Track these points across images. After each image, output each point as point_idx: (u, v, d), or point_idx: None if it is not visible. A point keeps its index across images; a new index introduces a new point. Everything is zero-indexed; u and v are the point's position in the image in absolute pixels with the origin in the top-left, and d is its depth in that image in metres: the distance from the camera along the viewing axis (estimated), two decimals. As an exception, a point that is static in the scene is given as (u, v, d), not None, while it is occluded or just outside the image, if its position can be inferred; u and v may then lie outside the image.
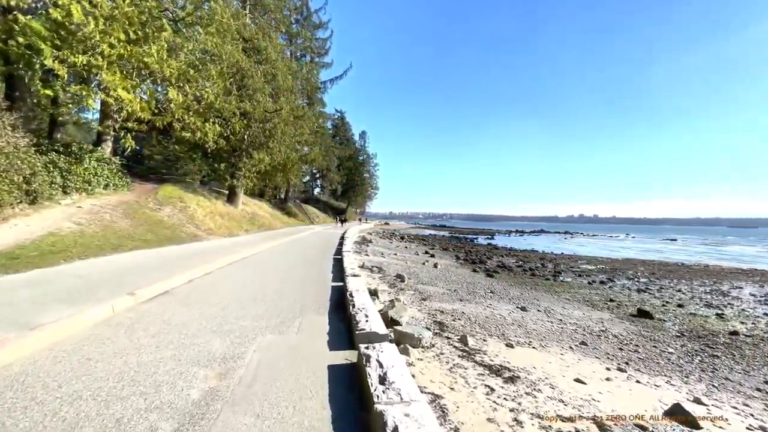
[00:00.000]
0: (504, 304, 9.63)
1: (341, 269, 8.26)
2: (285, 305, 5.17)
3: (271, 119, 15.68)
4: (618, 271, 20.84)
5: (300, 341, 3.84)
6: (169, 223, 10.51)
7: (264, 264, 8.80)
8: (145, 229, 9.09)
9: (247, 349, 3.54)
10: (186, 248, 9.33)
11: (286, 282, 6.71)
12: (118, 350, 3.37)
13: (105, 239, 7.50)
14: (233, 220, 15.35)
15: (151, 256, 7.78)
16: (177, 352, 3.37)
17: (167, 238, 9.43)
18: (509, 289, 12.72)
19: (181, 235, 10.25)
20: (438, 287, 10.91)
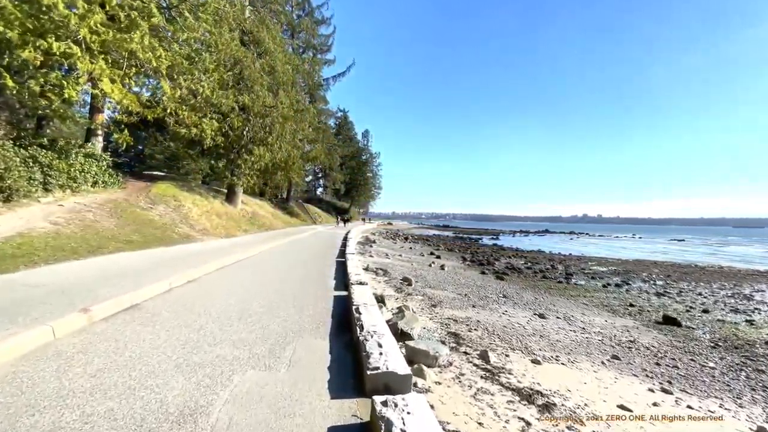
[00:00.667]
0: (520, 311, 8.93)
1: (344, 274, 7.54)
2: (276, 324, 4.23)
3: (270, 114, 14.98)
4: (631, 273, 20.05)
5: (291, 382, 2.82)
6: (159, 223, 9.84)
7: (257, 269, 7.94)
8: (131, 229, 8.44)
9: (217, 397, 2.54)
10: (174, 250, 8.61)
11: (281, 292, 5.87)
12: (31, 403, 2.33)
13: (83, 241, 6.85)
14: (232, 219, 14.69)
15: (132, 259, 7.00)
16: (116, 405, 2.36)
17: (156, 239, 8.74)
18: (522, 293, 12.01)
19: (173, 236, 9.56)
20: (447, 291, 10.23)
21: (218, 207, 14.75)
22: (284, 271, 7.94)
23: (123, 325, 3.93)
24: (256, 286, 6.27)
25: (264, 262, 9.13)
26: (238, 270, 7.79)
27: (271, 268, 8.18)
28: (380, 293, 8.33)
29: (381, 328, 3.55)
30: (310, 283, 6.81)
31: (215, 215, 13.41)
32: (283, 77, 16.07)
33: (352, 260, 9.14)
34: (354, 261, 9.03)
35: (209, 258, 8.05)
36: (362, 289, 5.30)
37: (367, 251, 18.42)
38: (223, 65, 12.30)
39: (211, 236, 11.18)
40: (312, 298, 5.61)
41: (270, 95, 14.93)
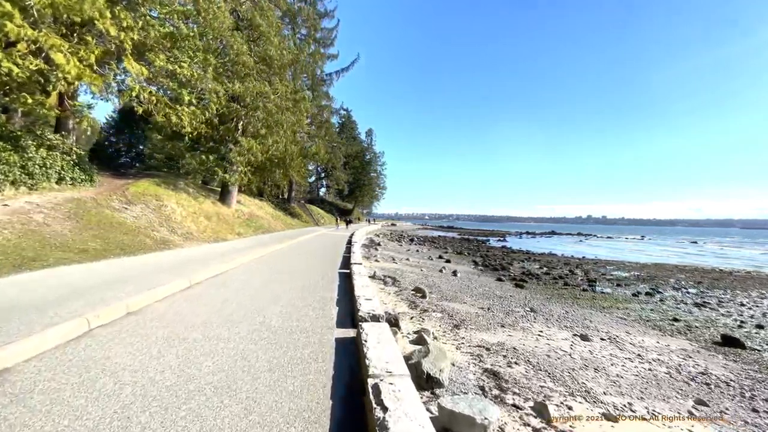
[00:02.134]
0: (556, 330, 7.57)
1: (351, 300, 5.67)
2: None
3: (264, 103, 13.58)
4: (657, 279, 18.57)
5: None
6: (132, 226, 8.52)
7: (233, 291, 6.00)
8: (91, 234, 7.13)
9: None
10: (135, 263, 7.07)
11: (254, 336, 3.93)
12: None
13: (16, 250, 5.55)
14: (224, 221, 13.35)
15: (64, 278, 5.47)
16: None
17: (121, 246, 7.31)
18: (549, 304, 10.64)
19: (145, 242, 8.19)
20: (467, 304, 8.88)
21: (209, 207, 13.38)
22: (271, 292, 6.06)
23: None
24: (216, 327, 4.19)
25: (245, 279, 7.03)
26: (204, 294, 5.79)
27: (252, 290, 6.16)
28: (392, 309, 7.00)
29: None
30: (301, 315, 4.81)
31: (204, 217, 12.07)
32: (279, 63, 14.67)
33: (359, 277, 6.92)
34: (363, 279, 6.78)
35: (172, 274, 6.40)
36: (379, 331, 3.58)
37: (373, 255, 17.10)
38: (211, 43, 10.97)
39: (196, 241, 9.84)
40: (301, 348, 3.64)
41: (265, 84, 13.54)
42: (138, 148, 45.10)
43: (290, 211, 30.30)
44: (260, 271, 8.30)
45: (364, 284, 6.28)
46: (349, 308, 5.38)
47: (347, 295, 6.22)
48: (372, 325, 3.90)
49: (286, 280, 7.35)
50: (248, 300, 5.58)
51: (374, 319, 4.24)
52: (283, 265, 9.25)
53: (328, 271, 8.73)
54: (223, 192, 16.73)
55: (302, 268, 8.91)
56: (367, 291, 5.71)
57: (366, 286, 6.14)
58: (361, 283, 6.31)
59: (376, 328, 3.79)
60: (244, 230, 14.26)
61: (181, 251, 8.30)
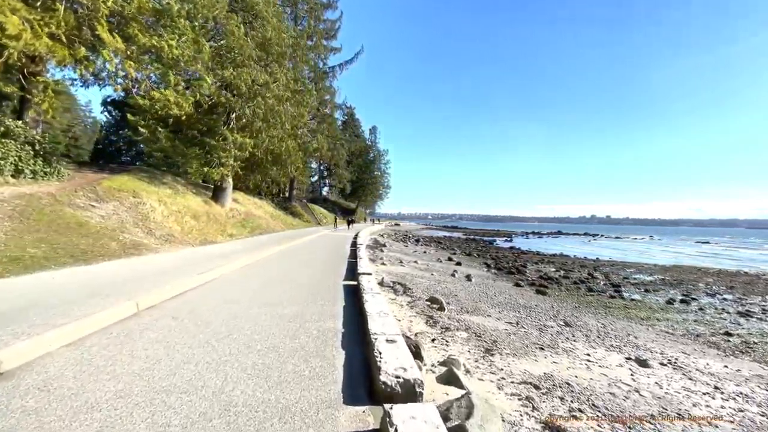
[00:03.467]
0: (603, 351, 6.33)
1: (364, 340, 3.96)
2: None
3: (260, 93, 12.27)
4: (685, 283, 17.22)
5: None
6: (95, 228, 7.27)
7: (186, 329, 4.13)
8: (35, 237, 5.90)
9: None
10: (77, 277, 5.58)
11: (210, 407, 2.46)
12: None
13: None
14: (215, 221, 12.10)
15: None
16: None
17: (73, 252, 5.88)
18: (581, 315, 9.40)
19: (109, 246, 6.86)
20: (491, 317, 7.65)
21: (198, 206, 12.15)
22: (240, 335, 4.01)
23: None
24: (153, 394, 2.60)
25: (212, 307, 5.11)
26: (152, 326, 4.18)
27: (217, 325, 4.31)
28: (407, 326, 5.80)
29: None
30: (286, 375, 3.03)
31: (191, 216, 10.84)
32: (278, 48, 13.36)
33: (373, 299, 5.11)
34: (378, 301, 5.06)
35: (114, 296, 4.69)
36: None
37: (379, 257, 15.90)
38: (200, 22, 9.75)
39: (177, 244, 8.56)
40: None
41: (263, 72, 12.25)
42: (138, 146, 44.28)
43: (291, 210, 29.09)
44: (242, 287, 6.46)
45: (380, 309, 4.62)
46: (362, 356, 3.58)
47: (357, 327, 4.48)
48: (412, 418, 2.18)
49: (273, 300, 5.60)
50: (204, 353, 3.44)
51: (409, 393, 2.63)
52: (273, 277, 7.58)
53: (329, 285, 7.11)
54: (216, 190, 15.45)
55: (297, 282, 7.16)
56: (388, 324, 3.99)
57: (384, 313, 4.46)
58: (376, 308, 4.65)
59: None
60: (237, 231, 12.99)
61: (152, 258, 6.87)
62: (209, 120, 11.98)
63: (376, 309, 4.65)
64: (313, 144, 23.03)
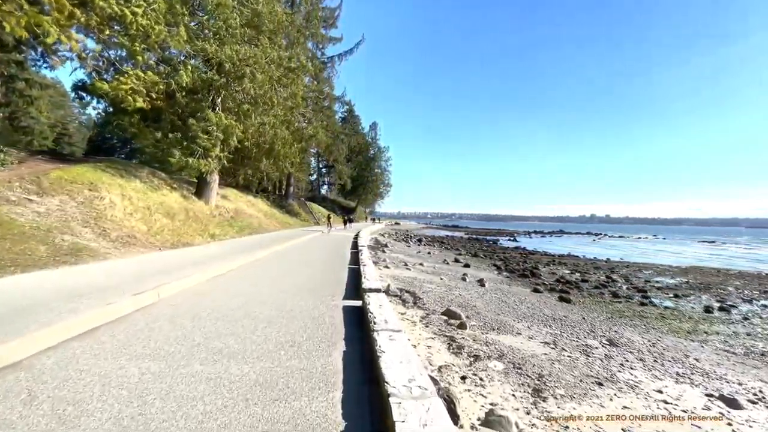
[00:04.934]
0: (671, 383, 5.02)
1: (379, 403, 2.39)
2: None
3: (252, 71, 10.75)
4: (712, 287, 15.92)
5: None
6: (23, 228, 5.77)
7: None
8: None
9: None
10: None
11: None
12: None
13: None
14: (195, 220, 10.60)
15: None
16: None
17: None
18: (620, 330, 8.07)
19: (34, 252, 5.23)
20: (523, 337, 6.33)
21: (173, 202, 10.92)
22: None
23: None
24: None
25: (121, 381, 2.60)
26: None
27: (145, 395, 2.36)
28: (427, 358, 4.46)
29: None
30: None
31: (163, 214, 9.38)
32: (270, 26, 11.81)
33: (393, 348, 3.06)
34: (402, 349, 3.12)
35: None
36: None
37: (381, 259, 14.58)
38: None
39: (140, 247, 7.06)
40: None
41: (250, 48, 10.72)
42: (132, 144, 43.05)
43: (287, 208, 27.65)
44: (191, 324, 4.03)
45: (410, 375, 2.55)
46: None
47: (370, 411, 2.40)
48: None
49: (232, 349, 3.32)
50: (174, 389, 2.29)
51: None
52: (243, 303, 5.13)
53: (322, 312, 4.89)
54: (200, 184, 13.87)
55: (276, 308, 4.95)
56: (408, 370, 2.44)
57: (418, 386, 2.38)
58: (402, 371, 2.61)
59: None
60: (221, 231, 11.48)
61: (88, 268, 5.45)
62: (191, 102, 10.52)
63: (403, 374, 2.54)
64: (308, 131, 21.04)
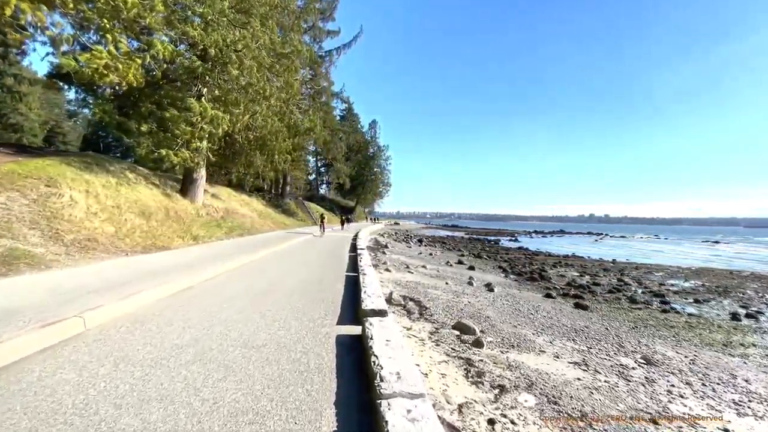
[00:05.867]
0: (732, 415, 4.18)
1: None
2: None
3: (239, 57, 9.78)
4: (730, 290, 15.12)
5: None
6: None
7: None
8: None
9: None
10: None
11: None
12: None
13: None
14: (176, 220, 9.57)
15: None
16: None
17: None
18: (650, 343, 7.23)
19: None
20: (548, 355, 5.48)
21: (151, 200, 9.99)
22: None
23: None
24: None
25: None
26: None
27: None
28: (442, 391, 3.61)
29: None
30: None
31: (137, 213, 8.41)
32: (262, 9, 10.81)
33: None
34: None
35: None
36: None
37: (382, 261, 13.73)
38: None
39: (101, 252, 6.00)
40: None
41: (238, 32, 9.77)
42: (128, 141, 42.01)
43: (284, 208, 26.70)
44: (110, 373, 2.71)
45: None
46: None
47: None
48: None
49: (154, 429, 2.00)
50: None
51: None
52: (199, 336, 3.65)
53: (309, 343, 3.67)
54: (185, 181, 12.87)
55: (243, 346, 3.44)
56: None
57: None
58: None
59: None
60: (207, 232, 10.48)
61: (12, 282, 4.43)
62: (172, 90, 9.61)
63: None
64: (304, 123, 19.83)
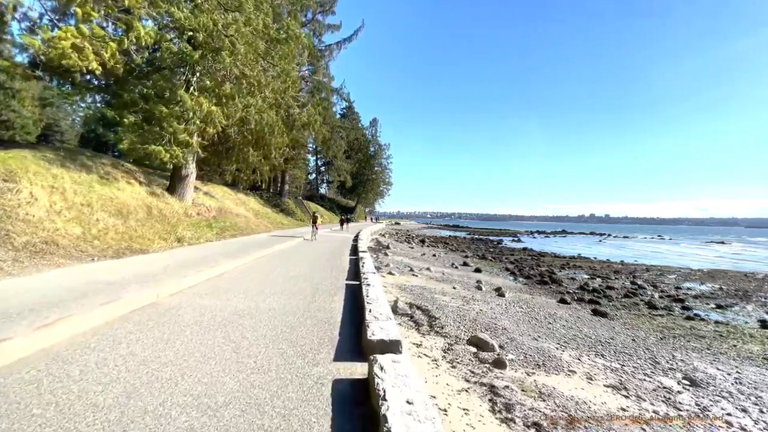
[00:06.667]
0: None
1: None
2: None
3: (231, 41, 8.95)
4: (750, 294, 14.39)
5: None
6: None
7: None
8: None
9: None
10: None
11: None
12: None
13: None
14: (160, 220, 8.72)
15: None
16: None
17: None
18: (684, 356, 6.49)
19: None
20: (579, 377, 4.74)
21: (132, 198, 9.21)
22: None
23: None
24: None
25: None
26: None
27: None
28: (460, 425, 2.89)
29: None
30: None
31: (113, 213, 7.54)
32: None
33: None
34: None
35: None
36: None
37: (384, 264, 13.01)
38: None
39: (59, 258, 5.03)
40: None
41: (229, 15, 8.98)
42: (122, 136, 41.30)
43: (282, 207, 25.92)
44: None
45: None
46: None
47: None
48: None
49: None
50: None
51: None
52: (132, 389, 2.42)
53: (292, 399, 2.44)
54: (173, 178, 12.06)
55: (195, 407, 2.25)
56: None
57: None
58: None
59: None
60: (195, 233, 9.58)
61: None
62: (159, 80, 8.85)
63: None
64: (302, 117, 18.78)
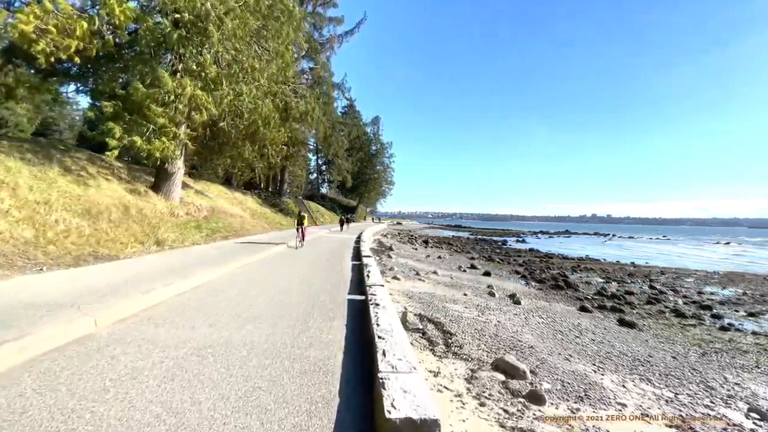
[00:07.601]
0: None
1: None
2: None
3: (218, 15, 7.96)
4: (778, 300, 13.48)
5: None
6: None
7: None
8: None
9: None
10: None
11: None
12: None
13: None
14: (139, 221, 8.04)
15: None
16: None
17: None
18: (737, 378, 5.64)
19: None
20: (631, 407, 3.91)
21: (105, 196, 8.37)
22: None
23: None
24: None
25: None
26: None
27: None
28: None
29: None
30: None
31: (78, 212, 6.49)
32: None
33: None
34: None
35: None
36: None
37: (388, 267, 12.17)
38: None
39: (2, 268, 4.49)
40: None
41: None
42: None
43: (281, 207, 25.07)
44: None
45: None
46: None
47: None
48: None
49: None
50: None
51: None
52: None
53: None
54: (158, 175, 11.22)
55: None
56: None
57: None
58: None
59: None
60: (179, 235, 8.59)
61: None
62: (138, 63, 7.96)
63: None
64: (300, 106, 17.62)
